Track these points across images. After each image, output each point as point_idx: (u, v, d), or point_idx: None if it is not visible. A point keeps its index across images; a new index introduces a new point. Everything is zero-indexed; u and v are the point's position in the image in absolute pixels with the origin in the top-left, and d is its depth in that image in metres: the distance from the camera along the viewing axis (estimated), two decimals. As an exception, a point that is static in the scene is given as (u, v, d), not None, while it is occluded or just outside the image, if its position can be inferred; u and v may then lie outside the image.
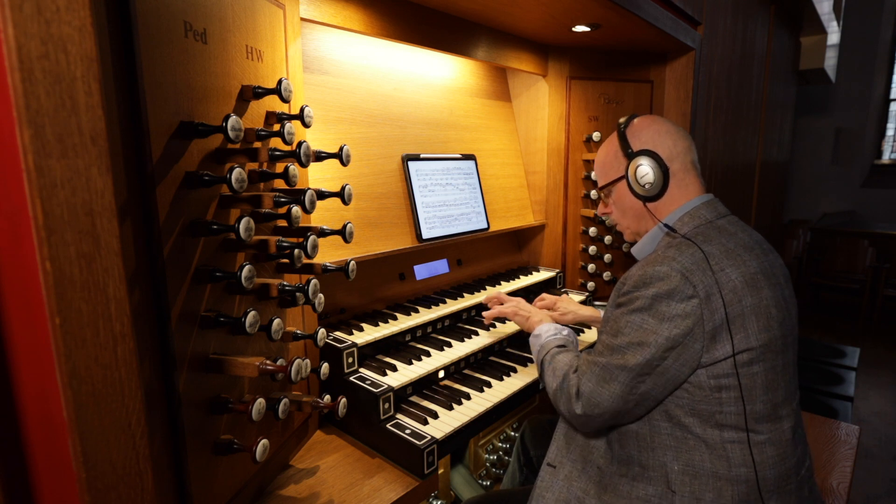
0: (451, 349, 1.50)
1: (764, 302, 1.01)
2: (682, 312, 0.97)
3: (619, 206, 1.27)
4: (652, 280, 1.00)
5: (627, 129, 1.24)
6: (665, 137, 1.19)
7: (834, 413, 2.46)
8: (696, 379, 0.99)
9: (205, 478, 0.89)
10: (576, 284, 2.25)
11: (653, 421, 1.05)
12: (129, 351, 0.65)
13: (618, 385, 1.02)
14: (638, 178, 1.17)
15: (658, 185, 1.16)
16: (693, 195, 1.18)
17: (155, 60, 0.76)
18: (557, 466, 1.18)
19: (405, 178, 1.67)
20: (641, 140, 1.20)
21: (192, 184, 0.84)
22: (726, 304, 0.98)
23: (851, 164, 6.59)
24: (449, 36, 1.63)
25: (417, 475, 1.16)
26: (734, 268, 1.01)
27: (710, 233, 1.09)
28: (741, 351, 0.98)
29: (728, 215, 1.17)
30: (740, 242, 1.07)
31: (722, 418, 0.99)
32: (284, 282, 0.98)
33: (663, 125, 1.21)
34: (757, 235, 1.15)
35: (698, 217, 1.13)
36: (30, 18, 0.53)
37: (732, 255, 1.03)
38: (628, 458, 1.08)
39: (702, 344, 0.98)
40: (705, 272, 0.99)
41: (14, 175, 0.55)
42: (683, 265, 1.00)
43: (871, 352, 4.76)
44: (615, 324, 1.06)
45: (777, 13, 3.82)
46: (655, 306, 0.99)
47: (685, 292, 0.98)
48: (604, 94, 2.19)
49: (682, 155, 1.19)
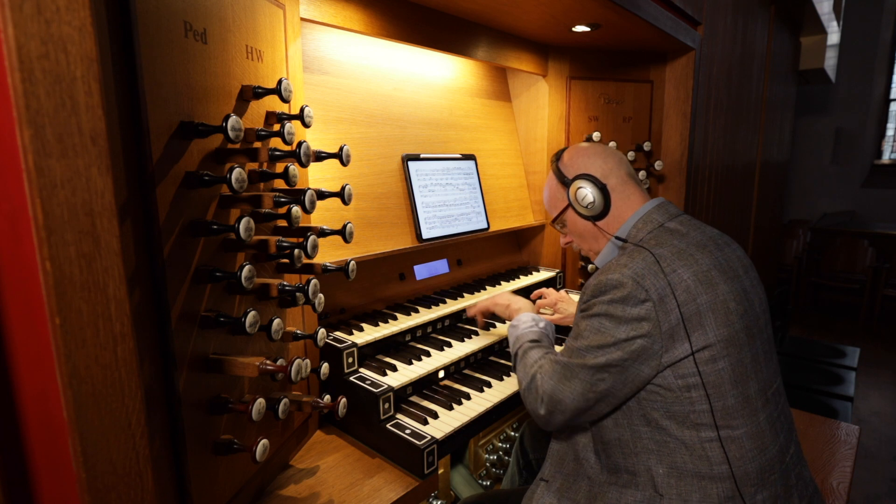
0: (451, 349, 1.50)
1: (720, 297, 1.03)
2: (636, 316, 1.00)
3: (575, 231, 1.31)
4: (607, 288, 1.04)
5: (559, 162, 1.31)
6: (594, 159, 1.25)
7: (834, 413, 2.46)
8: (664, 380, 1.01)
9: (205, 478, 0.89)
10: (575, 284, 2.25)
11: (633, 426, 1.06)
12: (129, 351, 0.65)
13: (578, 382, 1.05)
14: (580, 200, 1.23)
15: (600, 203, 1.21)
16: (639, 204, 1.22)
17: (155, 60, 0.76)
18: (550, 481, 1.18)
19: (405, 178, 1.67)
20: (574, 168, 1.27)
21: (192, 184, 0.84)
22: (680, 304, 1.00)
23: (851, 164, 6.59)
24: (449, 36, 1.63)
25: (417, 475, 1.16)
26: (686, 267, 1.03)
27: (662, 236, 1.12)
28: (700, 349, 1.00)
29: (680, 215, 1.19)
30: (692, 241, 1.10)
31: (696, 417, 1.01)
32: (284, 282, 0.98)
33: (589, 149, 1.29)
34: (711, 231, 1.18)
35: (650, 222, 1.17)
36: (30, 18, 0.53)
37: (683, 255, 1.06)
38: (615, 467, 1.08)
39: (660, 344, 1.00)
40: (657, 275, 1.02)
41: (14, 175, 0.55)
42: (635, 271, 1.02)
43: (871, 352, 4.76)
44: (576, 328, 1.10)
45: (777, 13, 3.82)
46: (611, 311, 1.02)
47: (638, 297, 1.00)
48: (604, 94, 2.19)
49: (614, 170, 1.24)
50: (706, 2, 2.28)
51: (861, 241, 5.67)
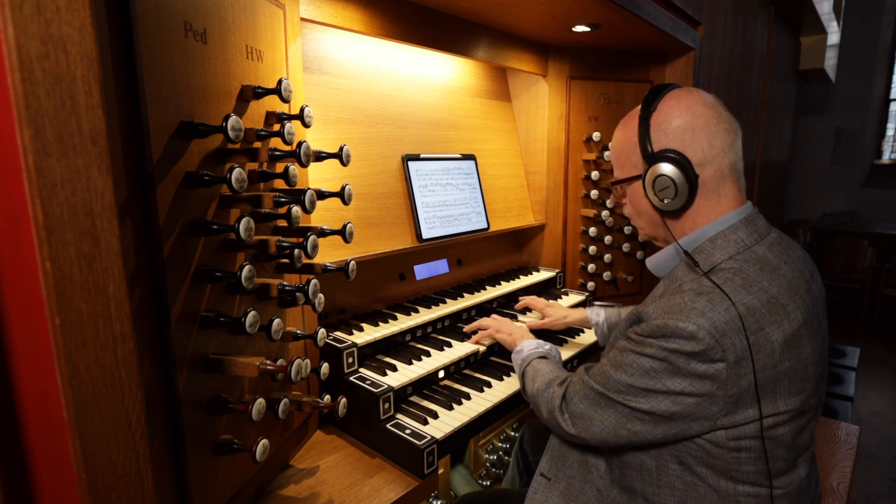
0: (451, 349, 1.50)
1: (802, 363, 0.88)
2: (701, 373, 0.84)
3: (635, 207, 1.08)
4: (674, 335, 0.85)
5: (654, 114, 0.99)
6: (700, 134, 0.95)
7: (834, 413, 2.46)
8: (714, 438, 0.88)
9: (205, 478, 0.89)
10: (576, 284, 2.25)
11: (662, 459, 0.94)
12: (129, 351, 0.65)
13: (613, 414, 0.93)
14: (656, 189, 0.97)
15: (681, 200, 0.95)
16: (727, 209, 0.97)
17: (155, 60, 0.76)
18: (552, 479, 1.13)
19: (405, 178, 1.67)
20: (668, 135, 0.96)
21: (192, 184, 0.84)
22: (759, 369, 0.84)
23: (851, 164, 6.59)
24: (449, 36, 1.62)
25: (417, 475, 1.16)
26: (776, 325, 0.85)
27: (748, 269, 0.89)
28: (768, 416, 0.86)
29: (769, 234, 0.97)
30: (785, 283, 0.89)
31: (738, 475, 0.90)
32: (284, 282, 0.98)
33: (701, 114, 0.96)
34: (798, 257, 0.97)
35: (733, 242, 0.93)
36: (30, 18, 0.53)
37: (776, 307, 0.86)
38: (630, 488, 1.00)
39: (721, 407, 0.86)
40: (738, 333, 0.83)
41: (14, 175, 0.55)
42: (715, 324, 0.83)
43: (871, 352, 4.76)
44: (618, 355, 0.94)
45: (777, 13, 3.82)
46: (671, 359, 0.86)
47: (712, 356, 0.83)
48: (604, 94, 2.19)
49: (718, 157, 0.95)
50: (706, 2, 2.27)
51: (861, 241, 5.67)
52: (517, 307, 1.81)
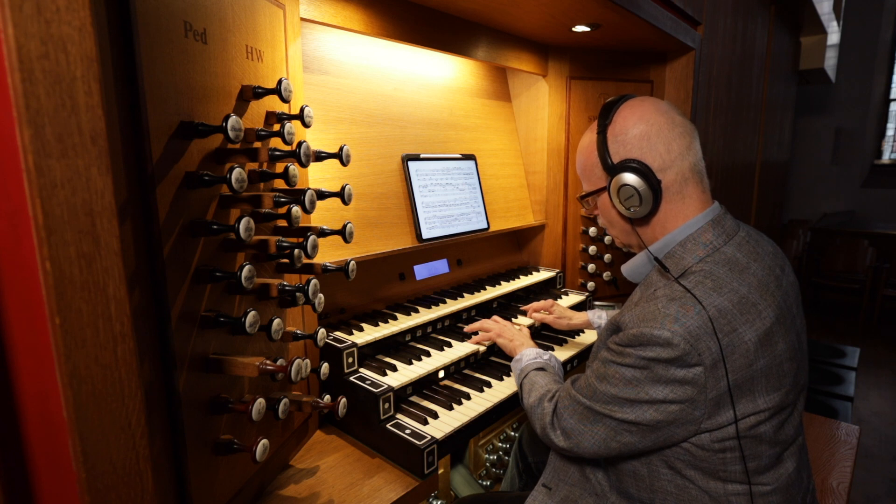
0: (451, 349, 1.50)
1: (777, 360, 0.89)
2: (681, 378, 0.86)
3: (605, 217, 1.12)
4: (650, 343, 0.87)
5: (610, 126, 1.02)
6: (656, 141, 0.98)
7: (834, 413, 2.46)
8: (699, 440, 0.91)
9: (205, 478, 0.89)
10: (576, 284, 2.25)
11: (652, 465, 0.97)
12: (129, 351, 0.65)
13: (602, 428, 0.95)
14: (622, 198, 0.99)
15: (647, 206, 0.98)
16: (693, 211, 0.99)
17: (155, 60, 0.76)
18: (553, 489, 1.14)
19: (405, 178, 1.67)
20: (626, 146, 0.99)
21: (192, 184, 0.84)
22: (734, 370, 0.86)
23: (851, 164, 6.60)
24: (449, 36, 1.62)
25: (417, 475, 1.16)
26: (748, 325, 0.87)
27: (718, 271, 0.91)
28: (746, 416, 0.89)
29: (737, 233, 0.99)
30: (755, 282, 0.91)
31: (726, 475, 0.92)
32: (284, 282, 0.98)
33: (655, 121, 0.99)
34: (768, 252, 0.99)
35: (702, 244, 0.95)
36: (30, 18, 0.53)
37: (747, 306, 0.88)
38: (627, 494, 1.02)
39: (703, 411, 0.88)
40: (712, 337, 0.85)
41: (14, 175, 0.55)
42: (688, 330, 0.85)
43: (871, 352, 4.76)
44: (602, 367, 0.96)
45: (777, 13, 3.82)
46: (651, 367, 0.88)
47: (688, 361, 0.85)
48: (604, 94, 2.19)
49: (677, 161, 0.98)
50: (706, 2, 2.28)
51: (861, 241, 5.67)
52: (527, 309, 1.76)
